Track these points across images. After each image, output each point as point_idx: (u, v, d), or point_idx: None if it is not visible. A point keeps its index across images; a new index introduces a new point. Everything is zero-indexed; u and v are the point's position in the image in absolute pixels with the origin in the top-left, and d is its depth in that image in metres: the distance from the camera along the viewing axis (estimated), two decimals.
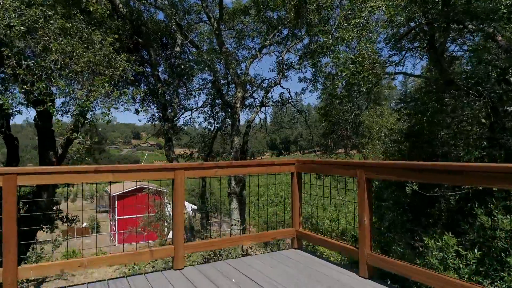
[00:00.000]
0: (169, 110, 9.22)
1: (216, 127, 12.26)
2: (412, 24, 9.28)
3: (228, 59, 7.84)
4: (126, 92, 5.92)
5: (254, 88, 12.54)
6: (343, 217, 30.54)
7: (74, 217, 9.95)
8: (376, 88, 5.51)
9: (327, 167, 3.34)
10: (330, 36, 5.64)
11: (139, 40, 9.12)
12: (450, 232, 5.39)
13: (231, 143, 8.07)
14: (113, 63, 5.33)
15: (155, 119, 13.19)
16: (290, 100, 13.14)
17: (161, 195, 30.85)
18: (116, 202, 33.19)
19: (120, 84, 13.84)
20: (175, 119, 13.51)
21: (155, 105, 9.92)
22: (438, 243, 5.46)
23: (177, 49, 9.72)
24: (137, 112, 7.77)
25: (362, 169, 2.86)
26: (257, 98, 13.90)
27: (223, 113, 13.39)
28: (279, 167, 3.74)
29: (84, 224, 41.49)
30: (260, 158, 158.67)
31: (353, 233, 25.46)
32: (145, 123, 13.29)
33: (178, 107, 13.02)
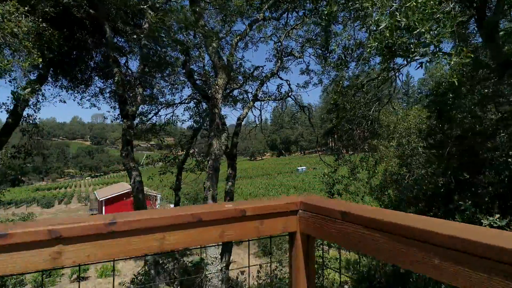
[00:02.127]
0: (131, 105, 7.02)
1: (199, 126, 10.07)
2: None
3: (199, 25, 5.62)
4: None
5: (244, 78, 10.32)
6: None
7: None
8: (437, 57, 3.23)
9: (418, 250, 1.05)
10: None
11: (90, 11, 6.90)
12: None
13: (208, 146, 5.86)
14: None
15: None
16: (290, 94, 10.93)
17: (151, 200, 28.69)
18: (104, 207, 30.99)
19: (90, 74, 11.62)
20: (153, 116, 11.27)
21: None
22: None
23: (145, 25, 7.47)
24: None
25: None
26: (251, 92, 11.69)
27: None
28: (257, 224, 1.48)
29: None
30: (260, 158, 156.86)
31: None
32: (112, 121, 11.09)
33: (146, 101, 10.80)
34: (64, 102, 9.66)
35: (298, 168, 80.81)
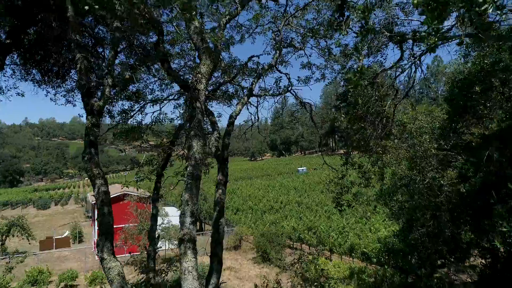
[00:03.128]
0: (96, 97, 5.83)
1: (181, 124, 8.83)
2: None
3: None
4: None
5: (238, 69, 9.09)
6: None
7: None
8: None
9: None
10: None
11: None
12: None
13: (188, 149, 4.69)
14: None
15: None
16: (290, 88, 9.72)
17: (145, 203, 27.39)
18: (95, 210, 29.68)
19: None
20: (135, 113, 10.09)
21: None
22: None
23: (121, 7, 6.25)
24: None
25: None
26: (247, 87, 10.47)
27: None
28: None
29: (66, 233, 37.92)
30: (260, 159, 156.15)
31: (364, 250, 21.41)
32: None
33: (132, 97, 9.62)
34: (22, 95, 8.46)
35: (299, 168, 79.47)
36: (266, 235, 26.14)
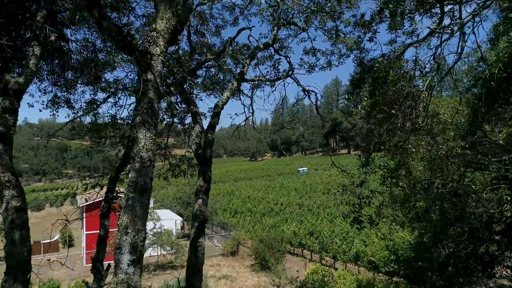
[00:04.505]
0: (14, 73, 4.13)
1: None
2: None
3: None
4: None
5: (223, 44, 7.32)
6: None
7: None
8: None
9: None
10: None
11: None
12: None
13: (131, 144, 2.98)
14: None
15: (59, 102, 8.04)
16: (291, 73, 8.02)
17: None
18: (84, 213, 28.04)
19: None
20: (102, 103, 8.42)
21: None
22: None
23: None
24: None
25: None
26: (236, 71, 8.74)
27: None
28: None
29: (56, 237, 36.18)
30: (261, 159, 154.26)
31: (371, 258, 19.32)
32: (53, 115, 8.11)
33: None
34: None
35: (300, 169, 77.59)
36: (265, 240, 24.38)
